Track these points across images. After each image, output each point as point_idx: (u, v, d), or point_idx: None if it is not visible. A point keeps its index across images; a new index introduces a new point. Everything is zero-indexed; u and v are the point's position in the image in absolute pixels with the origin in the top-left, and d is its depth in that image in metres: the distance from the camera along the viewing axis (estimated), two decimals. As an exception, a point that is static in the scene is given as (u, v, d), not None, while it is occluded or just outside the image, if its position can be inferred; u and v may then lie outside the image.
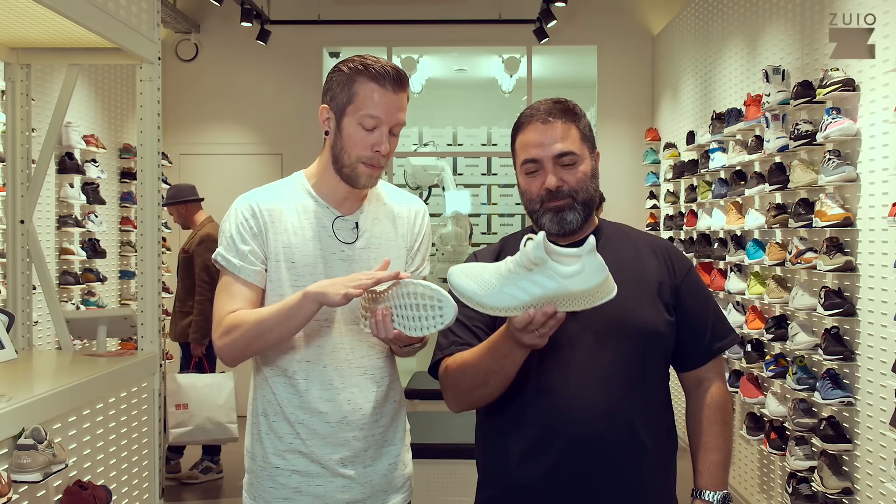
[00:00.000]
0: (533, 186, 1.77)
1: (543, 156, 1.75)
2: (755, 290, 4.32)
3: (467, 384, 1.72)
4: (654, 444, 1.72)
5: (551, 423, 1.69)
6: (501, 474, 1.77)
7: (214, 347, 1.90)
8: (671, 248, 1.88)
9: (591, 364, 1.70)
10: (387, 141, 1.84)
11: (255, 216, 1.87)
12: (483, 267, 1.55)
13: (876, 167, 3.31)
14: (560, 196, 1.74)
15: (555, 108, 1.78)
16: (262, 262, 1.87)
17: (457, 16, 7.44)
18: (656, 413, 1.76)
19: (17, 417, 2.37)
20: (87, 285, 5.69)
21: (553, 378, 1.70)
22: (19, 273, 3.61)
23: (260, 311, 1.83)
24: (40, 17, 2.95)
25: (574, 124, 1.78)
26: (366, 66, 1.82)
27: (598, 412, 1.67)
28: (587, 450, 1.67)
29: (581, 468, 1.68)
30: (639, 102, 7.39)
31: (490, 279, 1.51)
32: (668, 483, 1.78)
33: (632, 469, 1.69)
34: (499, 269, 1.52)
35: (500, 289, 1.50)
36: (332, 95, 1.86)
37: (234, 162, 7.55)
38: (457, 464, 3.37)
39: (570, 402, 1.68)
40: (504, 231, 9.62)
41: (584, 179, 1.76)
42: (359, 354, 1.90)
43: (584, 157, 1.77)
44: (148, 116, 3.45)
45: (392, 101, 1.82)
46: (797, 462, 3.77)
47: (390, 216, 1.97)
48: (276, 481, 1.89)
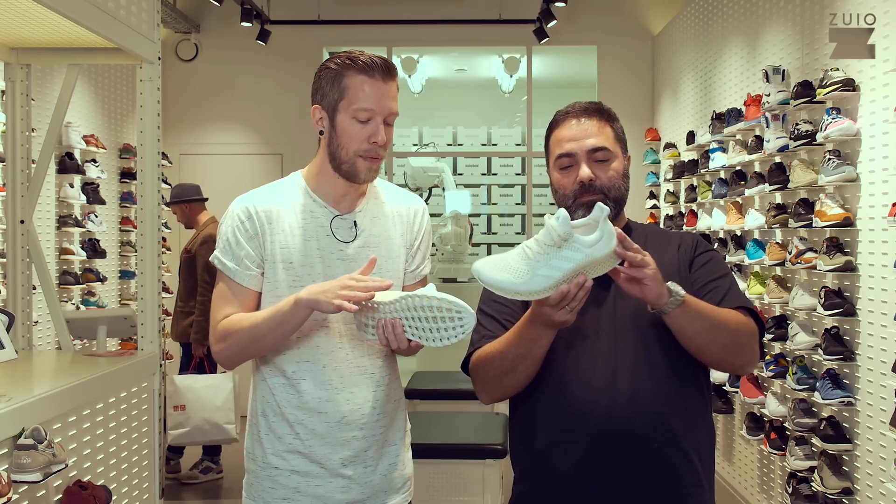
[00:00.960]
0: (566, 181, 1.81)
1: (578, 150, 1.80)
2: (755, 290, 4.32)
3: (495, 372, 1.74)
4: (685, 431, 1.72)
5: (578, 415, 1.71)
6: (532, 468, 1.79)
7: (211, 351, 1.91)
8: (696, 237, 1.91)
9: (616, 354, 1.72)
10: (382, 131, 1.84)
11: (250, 218, 1.87)
12: (504, 257, 1.56)
13: (876, 167, 3.31)
14: (592, 190, 1.78)
15: (590, 107, 1.85)
16: (258, 265, 1.88)
17: (457, 16, 7.44)
18: (688, 400, 1.75)
19: (17, 417, 2.37)
20: (87, 285, 5.69)
21: (578, 370, 1.72)
22: (19, 273, 3.61)
23: (253, 316, 1.84)
24: (40, 17, 2.95)
25: (608, 124, 1.84)
26: (352, 59, 1.83)
27: (624, 401, 1.69)
28: (615, 439, 1.69)
29: (610, 458, 1.69)
30: (639, 102, 7.39)
31: (519, 266, 1.53)
32: (706, 470, 1.77)
33: (662, 456, 1.70)
34: (525, 255, 1.54)
35: (533, 272, 1.52)
36: (323, 94, 1.86)
37: (234, 162, 7.55)
38: (457, 464, 3.37)
39: (596, 392, 1.70)
40: (504, 231, 9.61)
41: (616, 177, 1.81)
42: (358, 354, 1.89)
43: (617, 155, 1.82)
44: (148, 116, 3.45)
45: (383, 91, 1.82)
46: (797, 462, 3.77)
47: (389, 215, 1.97)
48: (275, 481, 1.89)
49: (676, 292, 1.62)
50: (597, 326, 1.73)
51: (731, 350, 1.71)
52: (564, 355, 1.73)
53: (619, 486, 1.70)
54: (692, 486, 1.73)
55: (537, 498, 1.78)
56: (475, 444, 3.39)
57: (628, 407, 1.69)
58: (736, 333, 1.70)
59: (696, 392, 1.77)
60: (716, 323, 1.67)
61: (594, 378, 1.71)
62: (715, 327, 1.67)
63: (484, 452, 3.34)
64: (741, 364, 1.76)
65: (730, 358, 1.73)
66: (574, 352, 1.73)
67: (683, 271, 1.81)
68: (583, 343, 1.73)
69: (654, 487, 1.70)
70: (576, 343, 1.72)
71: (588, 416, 1.70)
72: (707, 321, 1.66)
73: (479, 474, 3.35)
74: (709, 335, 1.67)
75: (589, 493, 1.71)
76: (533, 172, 7.91)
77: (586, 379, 1.71)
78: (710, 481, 1.79)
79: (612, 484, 1.70)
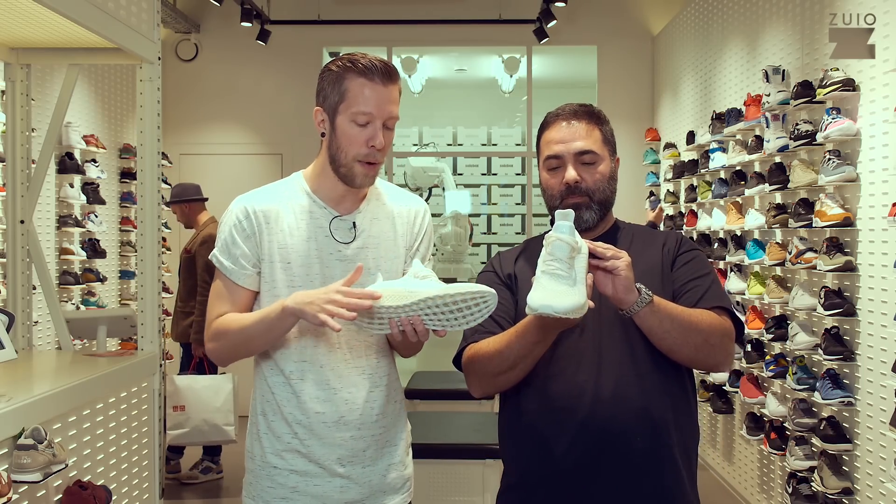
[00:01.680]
0: (554, 182, 1.85)
1: (565, 152, 1.83)
2: (755, 290, 4.32)
3: (494, 369, 1.77)
4: (668, 426, 1.74)
5: (562, 410, 1.74)
6: (518, 462, 1.82)
7: (206, 349, 1.93)
8: (680, 235, 1.93)
9: (600, 350, 1.75)
10: (381, 135, 1.84)
11: (248, 217, 1.88)
12: (543, 281, 1.57)
13: (876, 167, 3.31)
14: (577, 192, 1.82)
15: (580, 109, 1.88)
16: (254, 265, 1.88)
17: (457, 16, 7.44)
18: (671, 396, 1.77)
19: (17, 417, 2.37)
20: (87, 285, 5.69)
21: (563, 365, 1.75)
22: (19, 273, 3.61)
23: (244, 318, 1.85)
24: (40, 17, 2.95)
25: (598, 126, 1.86)
26: (353, 62, 1.83)
27: (607, 396, 1.72)
28: (597, 434, 1.71)
29: (594, 452, 1.72)
30: (639, 102, 7.40)
31: (564, 287, 1.56)
32: (687, 465, 1.79)
33: (644, 450, 1.72)
34: (558, 276, 1.57)
35: (578, 287, 1.57)
36: (325, 96, 1.87)
37: (234, 162, 7.54)
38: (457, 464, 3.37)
39: (580, 387, 1.73)
40: (504, 231, 9.62)
41: (602, 180, 1.84)
42: (356, 354, 1.90)
43: (604, 158, 1.85)
44: (148, 116, 3.45)
45: (382, 95, 1.82)
46: (797, 462, 3.77)
47: (389, 216, 1.97)
48: (274, 481, 1.89)
49: (645, 292, 1.65)
50: (581, 324, 1.73)
51: (702, 351, 1.72)
52: (550, 351, 1.75)
53: (602, 480, 1.72)
54: (674, 480, 1.76)
55: (524, 491, 1.80)
56: (475, 444, 3.39)
57: (612, 402, 1.72)
58: (707, 334, 1.71)
59: (679, 389, 1.80)
60: (686, 324, 1.69)
61: (578, 374, 1.74)
62: (685, 328, 1.69)
63: (483, 452, 3.34)
64: (714, 364, 1.78)
65: (702, 358, 1.74)
66: (559, 348, 1.76)
67: (666, 269, 1.83)
68: (568, 340, 1.76)
69: (637, 481, 1.72)
70: (561, 340, 1.75)
71: (572, 410, 1.73)
72: (676, 322, 1.68)
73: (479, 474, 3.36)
74: (679, 336, 1.69)
75: (573, 487, 1.74)
76: (533, 172, 7.91)
77: (571, 374, 1.75)
78: (692, 477, 1.81)
79: (595, 478, 1.72)
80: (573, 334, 1.76)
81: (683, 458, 1.78)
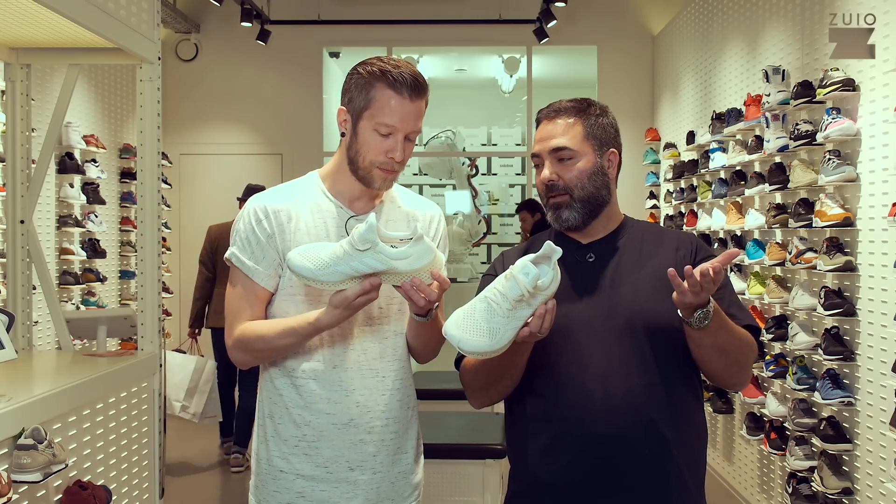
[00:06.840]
0: (538, 180, 1.85)
1: (542, 150, 1.82)
2: (755, 290, 4.32)
3: (482, 382, 1.79)
4: (676, 437, 1.72)
5: (568, 419, 1.71)
6: (525, 469, 1.80)
7: (228, 352, 1.92)
8: (695, 239, 1.89)
9: (608, 359, 1.72)
10: (401, 148, 1.82)
11: (267, 217, 1.86)
12: (476, 308, 1.59)
13: (876, 167, 3.31)
14: (556, 191, 1.79)
15: (566, 105, 1.83)
16: (278, 265, 1.86)
17: (457, 16, 7.44)
18: (680, 406, 1.75)
19: (17, 417, 2.37)
20: (87, 285, 5.69)
21: (571, 374, 1.73)
22: (19, 273, 3.60)
23: (269, 331, 1.82)
24: (40, 17, 2.95)
25: (580, 122, 1.81)
26: (384, 71, 1.79)
27: (615, 406, 1.69)
28: (605, 444, 1.69)
29: (600, 463, 1.70)
30: (639, 102, 7.40)
31: (483, 327, 1.56)
32: (694, 476, 1.78)
33: (652, 462, 1.70)
34: (491, 308, 1.57)
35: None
36: (350, 98, 1.84)
37: (234, 162, 7.55)
38: (457, 464, 3.37)
39: (587, 397, 1.71)
40: (504, 231, 9.62)
41: (581, 176, 1.79)
42: (370, 357, 1.88)
43: (583, 154, 1.79)
44: (148, 116, 3.45)
45: (409, 110, 1.80)
46: (797, 462, 3.77)
47: (404, 219, 1.95)
48: (279, 485, 1.87)
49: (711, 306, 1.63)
50: (590, 331, 1.73)
51: (731, 369, 1.74)
52: (557, 360, 1.73)
53: (608, 490, 1.70)
54: (681, 492, 1.74)
55: (529, 498, 1.78)
56: (475, 444, 3.39)
57: (620, 412, 1.69)
58: (744, 355, 1.74)
59: (688, 398, 1.78)
60: (738, 344, 1.70)
61: (586, 383, 1.71)
62: (734, 348, 1.70)
63: (484, 452, 3.34)
64: (736, 383, 1.80)
65: (728, 375, 1.76)
66: (567, 357, 1.73)
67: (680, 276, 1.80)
68: (576, 348, 1.73)
69: (644, 493, 1.70)
70: (569, 348, 1.72)
71: (580, 420, 1.70)
72: (732, 341, 1.69)
73: (479, 474, 3.35)
74: (724, 354, 1.70)
75: (579, 497, 1.71)
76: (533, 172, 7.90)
77: (578, 383, 1.71)
78: (699, 487, 1.80)
79: (601, 488, 1.70)
80: (581, 343, 1.73)
81: (691, 468, 1.76)
